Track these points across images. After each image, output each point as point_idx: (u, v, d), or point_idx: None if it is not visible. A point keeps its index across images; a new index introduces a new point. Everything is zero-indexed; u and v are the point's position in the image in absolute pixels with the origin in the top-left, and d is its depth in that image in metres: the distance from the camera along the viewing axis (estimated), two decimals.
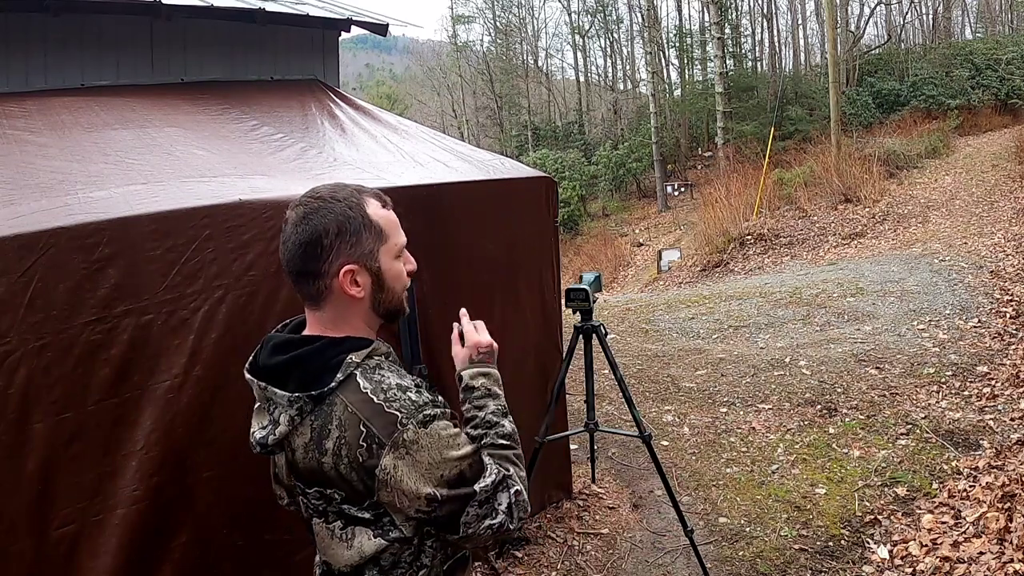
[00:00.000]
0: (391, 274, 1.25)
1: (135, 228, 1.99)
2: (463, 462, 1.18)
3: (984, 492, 3.30)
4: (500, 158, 3.59)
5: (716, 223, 13.42)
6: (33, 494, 1.83)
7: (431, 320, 2.69)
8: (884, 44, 23.86)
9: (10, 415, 1.79)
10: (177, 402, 2.01)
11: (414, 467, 1.13)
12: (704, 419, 4.75)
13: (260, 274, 2.15)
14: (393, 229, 1.26)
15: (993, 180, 12.75)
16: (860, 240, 11.37)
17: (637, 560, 3.22)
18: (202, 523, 2.06)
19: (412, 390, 1.18)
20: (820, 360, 5.62)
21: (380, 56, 67.71)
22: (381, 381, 1.17)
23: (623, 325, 7.59)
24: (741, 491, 3.74)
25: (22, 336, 1.81)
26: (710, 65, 22.87)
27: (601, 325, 3.07)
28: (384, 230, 1.23)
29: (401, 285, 1.29)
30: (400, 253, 1.27)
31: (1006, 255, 8.32)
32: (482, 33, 50.42)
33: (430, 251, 2.69)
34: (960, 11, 27.00)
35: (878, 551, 3.11)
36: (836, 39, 16.82)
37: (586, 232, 20.98)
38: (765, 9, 26.44)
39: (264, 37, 4.08)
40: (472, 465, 1.20)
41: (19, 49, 3.37)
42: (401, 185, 2.63)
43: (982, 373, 4.97)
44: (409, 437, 1.12)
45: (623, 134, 26.09)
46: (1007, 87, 18.96)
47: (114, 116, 3.01)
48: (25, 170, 2.31)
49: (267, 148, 2.93)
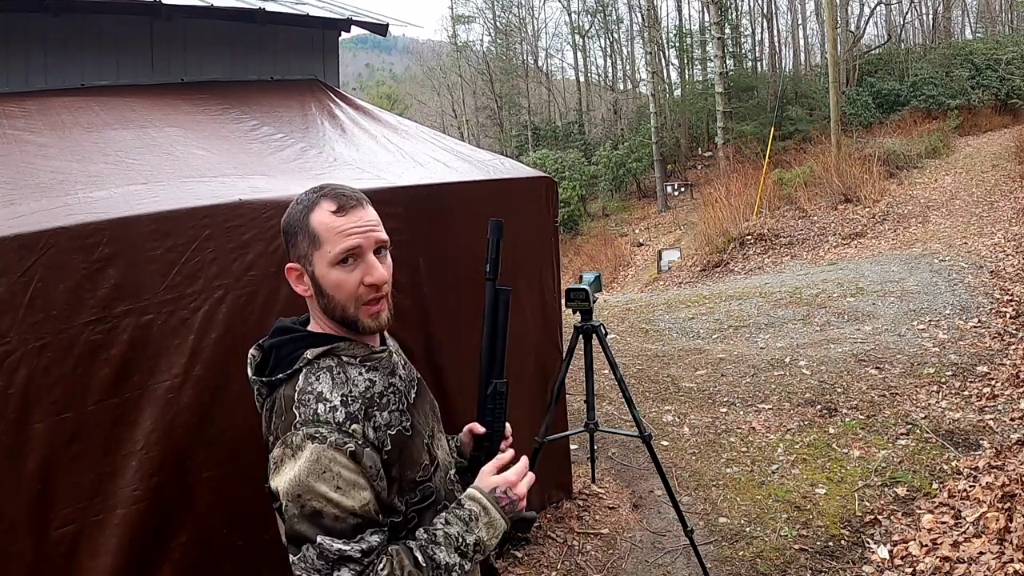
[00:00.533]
0: (326, 281, 1.19)
1: (135, 228, 1.99)
2: (330, 506, 1.08)
3: (984, 492, 3.30)
4: (500, 158, 3.59)
5: (716, 223, 13.42)
6: (33, 494, 1.83)
7: (431, 320, 2.69)
8: (884, 44, 23.86)
9: (10, 415, 1.79)
10: (177, 402, 2.01)
11: (290, 469, 1.11)
12: (704, 419, 4.75)
13: (260, 274, 2.15)
14: (333, 237, 1.17)
15: (993, 180, 12.75)
16: (860, 240, 11.37)
17: (637, 560, 3.21)
18: (202, 523, 2.06)
19: (335, 405, 1.14)
20: (820, 360, 5.62)
21: (380, 56, 67.72)
22: (311, 383, 1.16)
23: (623, 325, 7.59)
24: (741, 491, 3.74)
25: (22, 336, 1.81)
26: (710, 65, 22.87)
27: (601, 325, 3.07)
28: (319, 236, 1.18)
29: (345, 295, 1.18)
30: (342, 261, 1.17)
31: (1006, 255, 8.32)
32: (482, 33, 50.47)
33: (430, 251, 2.70)
34: (960, 11, 27.01)
35: (878, 551, 3.11)
36: (836, 39, 16.82)
37: (586, 232, 20.97)
38: (765, 9, 26.45)
39: (264, 37, 4.09)
40: (340, 519, 1.08)
41: (19, 49, 3.37)
42: (401, 185, 2.63)
43: (982, 373, 4.97)
44: (295, 441, 1.11)
45: (623, 134, 26.08)
46: (1007, 87, 18.94)
47: (114, 116, 3.01)
48: (25, 170, 2.32)
49: (267, 148, 2.93)
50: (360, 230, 1.19)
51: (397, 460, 1.21)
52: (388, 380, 1.26)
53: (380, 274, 1.19)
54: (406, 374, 1.34)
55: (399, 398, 1.26)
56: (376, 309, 1.21)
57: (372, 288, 1.19)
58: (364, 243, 1.19)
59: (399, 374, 1.30)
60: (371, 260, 1.19)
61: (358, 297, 1.19)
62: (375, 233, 1.21)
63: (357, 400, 1.17)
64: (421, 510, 1.25)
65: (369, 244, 1.19)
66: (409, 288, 2.62)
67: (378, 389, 1.23)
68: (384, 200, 2.49)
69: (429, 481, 1.27)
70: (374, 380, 1.23)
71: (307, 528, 1.09)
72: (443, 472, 1.34)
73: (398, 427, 1.22)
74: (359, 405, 1.17)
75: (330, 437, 1.11)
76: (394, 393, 1.25)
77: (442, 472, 1.33)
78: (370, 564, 1.09)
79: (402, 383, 1.30)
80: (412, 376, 1.36)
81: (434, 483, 1.28)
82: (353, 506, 1.10)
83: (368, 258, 1.19)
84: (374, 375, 1.24)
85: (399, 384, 1.28)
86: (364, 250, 1.19)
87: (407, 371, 1.35)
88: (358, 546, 1.09)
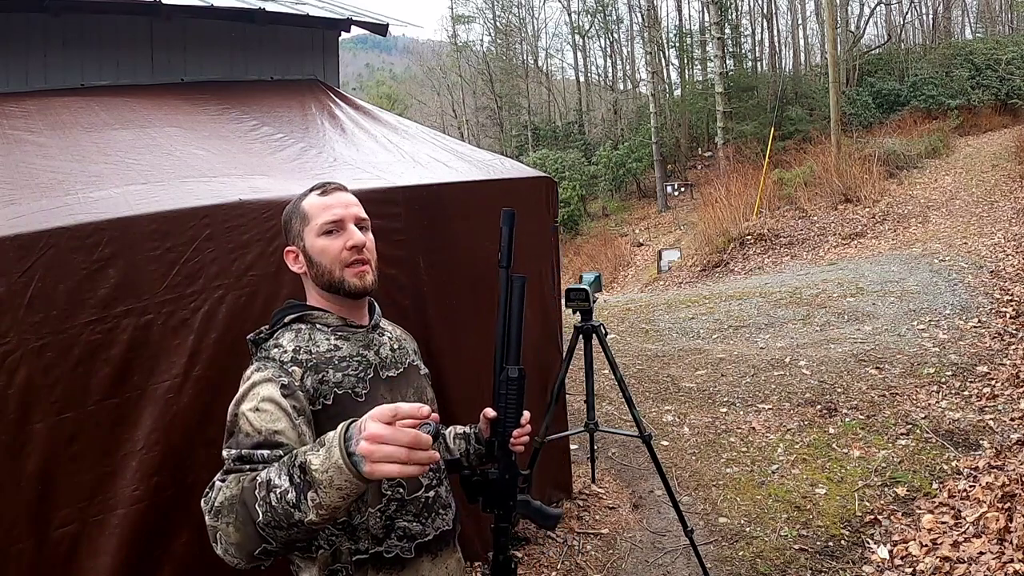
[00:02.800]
0: (315, 250, 1.36)
1: (135, 228, 1.99)
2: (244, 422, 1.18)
3: (984, 492, 3.30)
4: (500, 158, 3.59)
5: (716, 223, 13.42)
6: (33, 494, 1.83)
7: (431, 319, 2.69)
8: (884, 44, 23.85)
9: (10, 415, 1.80)
10: (177, 402, 2.01)
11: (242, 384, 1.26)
12: (704, 419, 4.75)
13: (260, 274, 2.15)
14: (319, 211, 1.37)
15: (993, 180, 12.75)
16: (860, 240, 11.37)
17: (637, 560, 3.21)
18: (202, 523, 2.05)
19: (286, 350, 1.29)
20: (820, 360, 5.62)
21: (380, 56, 67.70)
22: (277, 338, 1.34)
23: (623, 325, 7.59)
24: (741, 491, 3.74)
25: (22, 336, 1.81)
26: (710, 65, 22.85)
27: (601, 325, 3.07)
28: (307, 213, 1.38)
29: (330, 258, 1.34)
30: (327, 232, 1.35)
31: (1006, 255, 8.32)
32: (482, 33, 50.52)
33: (430, 251, 2.70)
34: (960, 11, 26.99)
35: (878, 551, 3.11)
36: (836, 39, 16.81)
37: (586, 232, 20.98)
38: (765, 9, 26.45)
39: (264, 37, 4.08)
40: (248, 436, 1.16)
41: (19, 49, 3.37)
42: (401, 185, 2.63)
43: (982, 373, 4.97)
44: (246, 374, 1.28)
45: (623, 134, 26.08)
46: (1007, 87, 18.93)
47: (114, 116, 3.01)
48: (25, 170, 2.32)
49: (267, 148, 2.93)
50: (341, 206, 1.38)
51: (336, 418, 1.16)
52: (359, 350, 1.37)
53: (359, 238, 1.36)
54: (390, 356, 1.42)
55: (364, 368, 1.35)
56: (360, 270, 1.36)
57: (354, 250, 1.35)
58: (345, 215, 1.37)
59: (378, 352, 1.40)
60: (351, 228, 1.37)
61: (342, 260, 1.35)
62: (354, 209, 1.40)
63: (311, 355, 1.30)
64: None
65: (349, 217, 1.38)
66: (409, 288, 2.62)
67: (341, 354, 1.34)
68: (384, 200, 2.50)
69: None
70: (340, 346, 1.35)
71: (229, 444, 1.18)
72: None
73: (348, 389, 1.30)
74: (309, 357, 1.30)
75: (269, 371, 1.25)
76: (359, 362, 1.35)
77: None
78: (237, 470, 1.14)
79: (377, 359, 1.39)
80: (401, 361, 1.44)
81: None
82: (261, 427, 1.17)
83: (349, 227, 1.36)
84: (342, 343, 1.36)
85: (372, 358, 1.38)
86: (345, 222, 1.37)
87: (395, 355, 1.44)
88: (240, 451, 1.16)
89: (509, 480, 1.47)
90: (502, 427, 1.44)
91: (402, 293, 2.59)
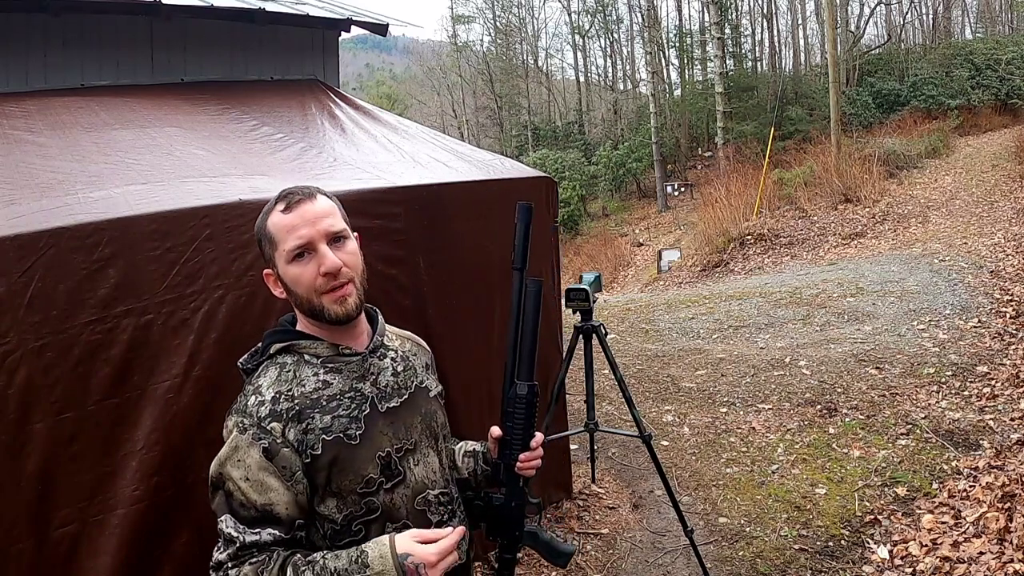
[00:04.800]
0: (288, 278, 1.23)
1: (135, 228, 1.99)
2: (239, 492, 1.15)
3: (984, 492, 3.30)
4: (500, 158, 3.59)
5: (716, 223, 13.42)
6: (33, 494, 1.83)
7: (431, 320, 2.69)
8: (884, 44, 23.85)
9: (10, 415, 1.79)
10: (177, 402, 2.01)
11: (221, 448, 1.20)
12: (704, 419, 4.75)
13: (260, 274, 2.15)
14: (283, 234, 1.21)
15: (993, 180, 12.75)
16: (860, 240, 11.37)
17: (637, 560, 3.21)
18: (202, 523, 2.05)
19: (263, 400, 1.20)
20: (820, 360, 5.61)
21: (380, 56, 67.71)
22: (259, 376, 1.24)
23: (623, 325, 7.59)
24: (741, 491, 3.74)
25: (22, 336, 1.81)
26: (710, 65, 22.85)
27: (601, 325, 3.07)
28: (274, 237, 1.23)
29: (304, 287, 1.21)
30: (296, 256, 1.20)
31: (1006, 255, 8.32)
32: (482, 33, 50.52)
33: (430, 251, 2.69)
34: (960, 11, 26.99)
35: (878, 551, 3.11)
36: (836, 39, 16.81)
37: (586, 232, 20.98)
38: (765, 9, 26.46)
39: (264, 37, 4.08)
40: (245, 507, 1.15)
41: (19, 49, 3.37)
42: (401, 185, 2.63)
43: (982, 373, 4.97)
44: (227, 424, 1.21)
45: (623, 134, 26.08)
46: (1007, 87, 18.93)
47: (114, 116, 3.01)
48: (25, 170, 2.31)
49: (267, 148, 2.93)
50: (307, 224, 1.20)
51: (329, 466, 1.19)
52: (351, 384, 1.25)
53: (332, 262, 1.19)
54: (391, 383, 1.30)
55: (357, 404, 1.24)
56: (340, 295, 1.21)
57: (329, 277, 1.20)
58: (313, 235, 1.20)
59: (375, 381, 1.28)
60: (323, 250, 1.20)
61: (317, 288, 1.21)
62: (323, 224, 1.21)
63: (292, 400, 1.20)
64: (367, 523, 1.22)
65: (319, 236, 1.20)
66: (409, 288, 2.62)
67: (331, 391, 1.23)
68: (384, 200, 2.50)
69: (374, 495, 1.23)
70: (330, 382, 1.24)
71: (220, 504, 1.17)
72: (410, 490, 1.27)
73: (338, 433, 1.20)
74: (290, 405, 1.20)
75: (250, 430, 1.17)
76: (352, 399, 1.24)
77: (408, 490, 1.27)
78: (249, 556, 1.13)
79: (374, 390, 1.27)
80: (406, 385, 1.32)
81: (380, 498, 1.23)
82: (256, 500, 1.15)
83: (320, 249, 1.20)
84: (333, 377, 1.24)
85: (367, 390, 1.26)
86: (315, 243, 1.20)
87: (398, 380, 1.31)
88: (244, 537, 1.14)
89: (515, 508, 1.34)
90: (509, 449, 1.31)
91: (402, 293, 2.59)
